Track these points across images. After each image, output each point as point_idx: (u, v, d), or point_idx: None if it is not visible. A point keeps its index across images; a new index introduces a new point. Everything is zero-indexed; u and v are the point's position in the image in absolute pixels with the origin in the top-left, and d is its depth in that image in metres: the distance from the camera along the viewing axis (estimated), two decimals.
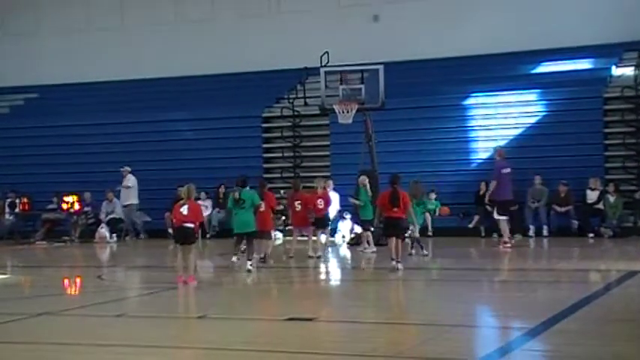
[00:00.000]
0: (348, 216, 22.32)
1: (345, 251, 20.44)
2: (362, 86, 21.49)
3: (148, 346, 8.87)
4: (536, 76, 26.22)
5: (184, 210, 13.98)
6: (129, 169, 25.43)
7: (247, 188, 15.66)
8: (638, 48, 25.03)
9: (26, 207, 26.32)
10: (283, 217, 22.91)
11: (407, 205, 15.17)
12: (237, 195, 15.46)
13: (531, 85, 25.38)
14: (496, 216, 19.80)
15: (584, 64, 26.13)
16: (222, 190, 24.96)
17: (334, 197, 20.65)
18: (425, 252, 17.89)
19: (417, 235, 17.88)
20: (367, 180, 19.17)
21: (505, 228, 19.57)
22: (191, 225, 14.06)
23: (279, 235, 23.77)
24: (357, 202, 18.98)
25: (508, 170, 19.74)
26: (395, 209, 14.92)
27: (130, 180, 25.25)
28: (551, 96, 24.75)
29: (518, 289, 13.54)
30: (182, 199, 14.30)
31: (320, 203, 18.12)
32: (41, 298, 12.64)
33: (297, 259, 17.53)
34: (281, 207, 21.86)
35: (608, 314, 10.46)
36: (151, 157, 26.97)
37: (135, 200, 25.23)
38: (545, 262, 18.37)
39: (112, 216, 25.11)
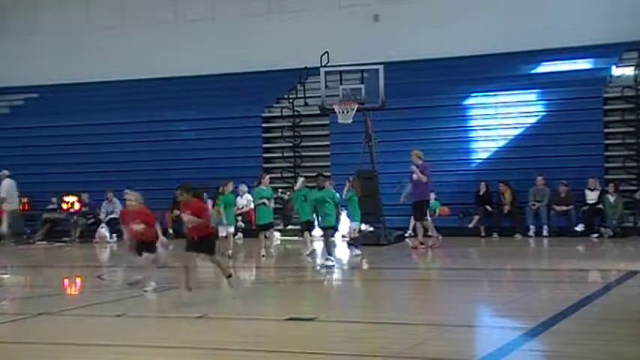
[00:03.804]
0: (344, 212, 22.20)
1: (344, 251, 20.40)
2: (362, 86, 21.50)
3: (148, 346, 8.86)
4: (536, 76, 26.22)
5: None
6: (7, 172, 24.81)
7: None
8: (638, 48, 25.02)
9: (26, 207, 26.30)
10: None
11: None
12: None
13: (531, 85, 25.39)
14: (429, 217, 19.43)
15: (584, 64, 26.13)
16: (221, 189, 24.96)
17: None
18: (358, 252, 17.74)
19: (357, 234, 17.73)
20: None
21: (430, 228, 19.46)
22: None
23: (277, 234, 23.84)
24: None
25: None
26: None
27: (3, 189, 24.65)
28: (551, 96, 24.75)
29: (518, 289, 13.54)
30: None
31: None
32: (41, 298, 12.63)
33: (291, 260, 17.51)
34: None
35: (608, 314, 10.45)
36: (151, 157, 26.98)
37: (15, 206, 24.65)
38: (545, 262, 18.37)
39: (112, 216, 25.09)
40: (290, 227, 23.47)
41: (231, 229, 18.45)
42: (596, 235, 21.84)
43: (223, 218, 17.98)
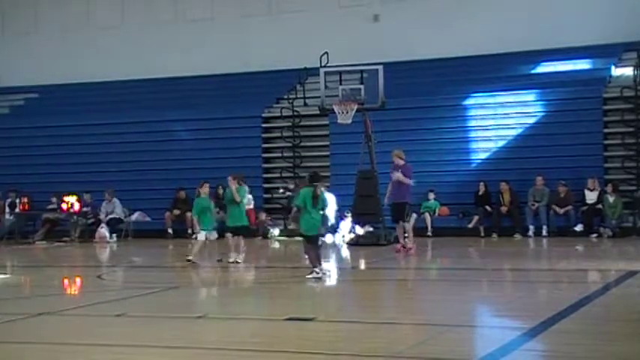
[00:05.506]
0: (349, 214, 22.23)
1: (344, 251, 20.43)
2: (361, 86, 21.52)
3: (148, 346, 8.86)
4: (536, 76, 26.25)
5: None
6: None
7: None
8: (637, 48, 25.04)
9: (26, 207, 26.28)
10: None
11: None
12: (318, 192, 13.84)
13: (531, 85, 25.41)
14: (412, 220, 18.72)
15: (583, 64, 26.16)
16: (221, 190, 24.94)
17: (331, 198, 19.42)
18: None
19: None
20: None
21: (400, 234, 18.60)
22: None
23: (276, 232, 23.85)
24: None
25: None
26: None
27: None
28: (550, 96, 24.77)
29: (518, 289, 13.55)
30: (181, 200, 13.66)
31: None
32: (41, 298, 12.62)
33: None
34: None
35: (607, 314, 10.47)
36: (151, 157, 27.00)
37: None
38: (545, 262, 18.38)
39: (112, 216, 25.10)
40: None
41: (213, 235, 17.18)
42: (595, 235, 21.87)
43: (211, 220, 16.98)
